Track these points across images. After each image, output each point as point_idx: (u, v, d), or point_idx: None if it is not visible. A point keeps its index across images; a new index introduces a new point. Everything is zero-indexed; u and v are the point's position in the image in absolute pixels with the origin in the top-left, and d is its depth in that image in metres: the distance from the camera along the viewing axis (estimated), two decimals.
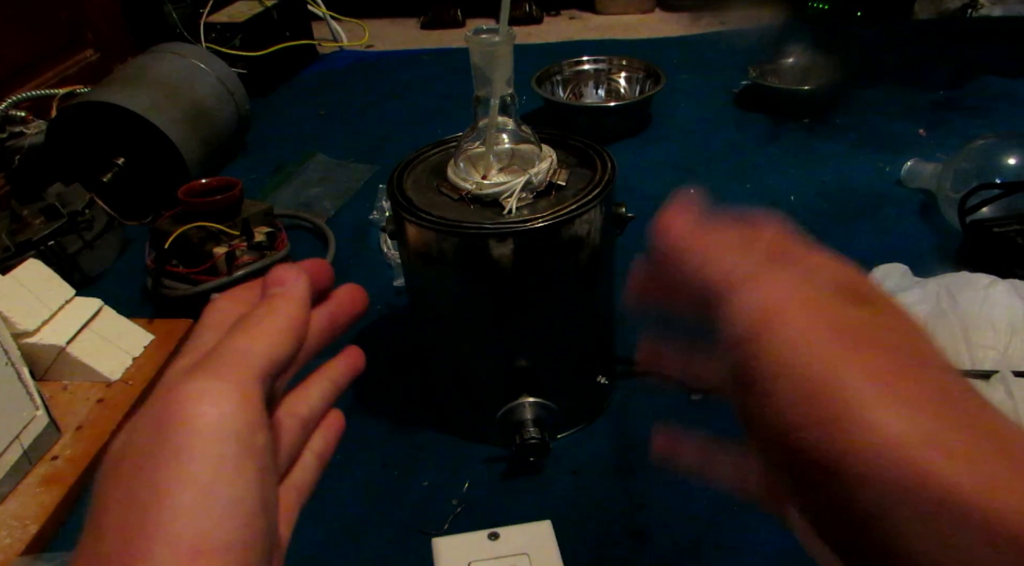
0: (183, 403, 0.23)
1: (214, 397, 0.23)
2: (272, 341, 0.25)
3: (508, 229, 0.56)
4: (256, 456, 0.23)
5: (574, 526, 0.59)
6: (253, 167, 1.18)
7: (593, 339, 0.67)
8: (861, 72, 1.29)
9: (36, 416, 0.66)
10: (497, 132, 0.59)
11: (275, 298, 0.27)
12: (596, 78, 1.27)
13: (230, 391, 0.23)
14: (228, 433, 0.23)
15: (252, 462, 0.23)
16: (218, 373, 0.24)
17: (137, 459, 0.23)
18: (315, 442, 0.31)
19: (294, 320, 0.26)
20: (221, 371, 0.24)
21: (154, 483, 0.22)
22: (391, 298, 0.87)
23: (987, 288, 0.64)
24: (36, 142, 1.06)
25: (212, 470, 0.22)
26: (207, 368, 0.24)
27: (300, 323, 0.26)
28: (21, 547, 0.59)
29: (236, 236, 0.85)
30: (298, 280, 0.27)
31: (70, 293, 0.77)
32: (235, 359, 0.24)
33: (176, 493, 0.22)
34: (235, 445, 0.23)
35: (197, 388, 0.23)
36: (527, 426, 0.62)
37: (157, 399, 0.24)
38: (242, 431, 0.23)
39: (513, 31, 0.56)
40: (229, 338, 0.25)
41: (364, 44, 1.69)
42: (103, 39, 1.34)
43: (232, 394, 0.23)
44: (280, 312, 0.26)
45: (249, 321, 0.26)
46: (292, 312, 0.26)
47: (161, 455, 0.22)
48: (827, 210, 0.98)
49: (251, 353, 0.24)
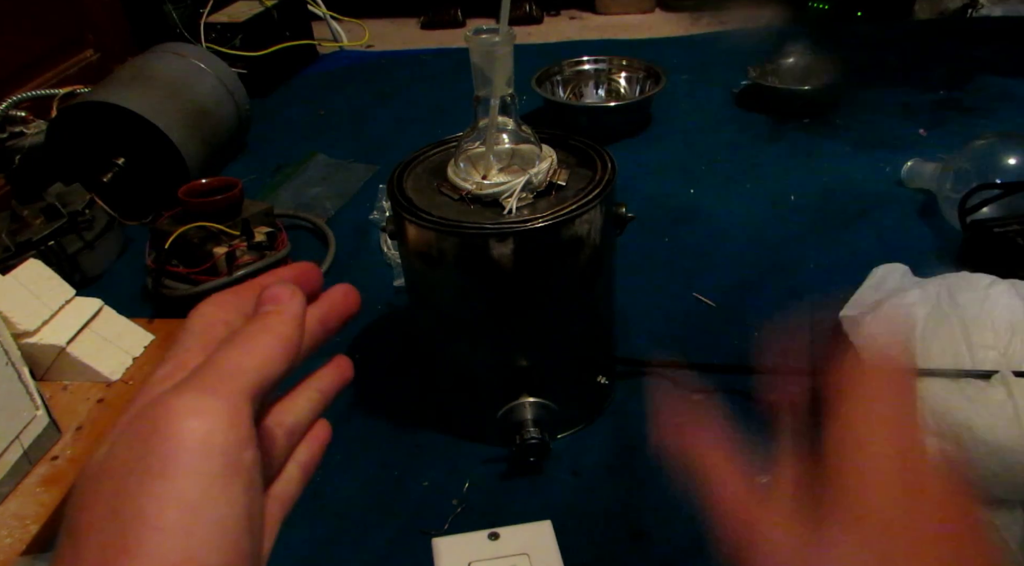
0: (171, 418, 0.22)
1: (203, 413, 0.22)
2: (264, 359, 0.25)
3: (508, 229, 0.56)
4: (244, 474, 0.23)
5: (574, 526, 0.59)
6: (253, 167, 1.18)
7: (593, 339, 0.67)
8: (861, 72, 1.29)
9: (36, 416, 0.66)
10: (497, 132, 0.59)
11: (270, 315, 0.26)
12: (596, 78, 1.27)
13: (219, 408, 0.23)
14: (216, 450, 0.22)
15: (240, 481, 0.23)
16: (208, 389, 0.23)
17: (120, 473, 0.22)
18: (300, 453, 0.31)
19: (287, 340, 0.26)
20: (211, 387, 0.23)
21: (138, 500, 0.21)
22: (391, 298, 0.87)
23: (987, 288, 0.64)
24: (36, 142, 1.06)
25: (199, 489, 0.22)
26: (196, 383, 0.23)
27: (294, 343, 0.26)
28: (21, 547, 0.59)
29: (236, 236, 0.85)
30: (293, 299, 0.27)
31: (70, 293, 0.77)
32: (226, 375, 0.24)
33: (161, 511, 0.21)
34: (223, 463, 0.22)
35: (186, 403, 0.22)
36: (527, 426, 0.62)
37: (142, 412, 0.23)
38: (230, 449, 0.22)
39: (513, 31, 0.56)
40: (221, 353, 0.25)
41: (364, 44, 1.69)
42: (103, 39, 1.34)
43: (221, 411, 0.23)
44: (274, 331, 0.26)
45: (242, 337, 0.25)
46: (286, 332, 0.26)
47: (146, 471, 0.22)
48: (827, 210, 0.98)
49: (242, 370, 0.24)
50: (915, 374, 0.29)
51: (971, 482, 0.25)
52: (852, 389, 0.28)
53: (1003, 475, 0.54)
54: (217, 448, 0.22)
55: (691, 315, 0.82)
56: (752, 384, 0.72)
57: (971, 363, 0.59)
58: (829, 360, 0.29)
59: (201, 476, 0.22)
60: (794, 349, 0.33)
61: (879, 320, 0.66)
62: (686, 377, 0.73)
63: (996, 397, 0.56)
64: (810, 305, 0.80)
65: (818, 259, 0.89)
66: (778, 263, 0.89)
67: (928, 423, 0.57)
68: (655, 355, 0.76)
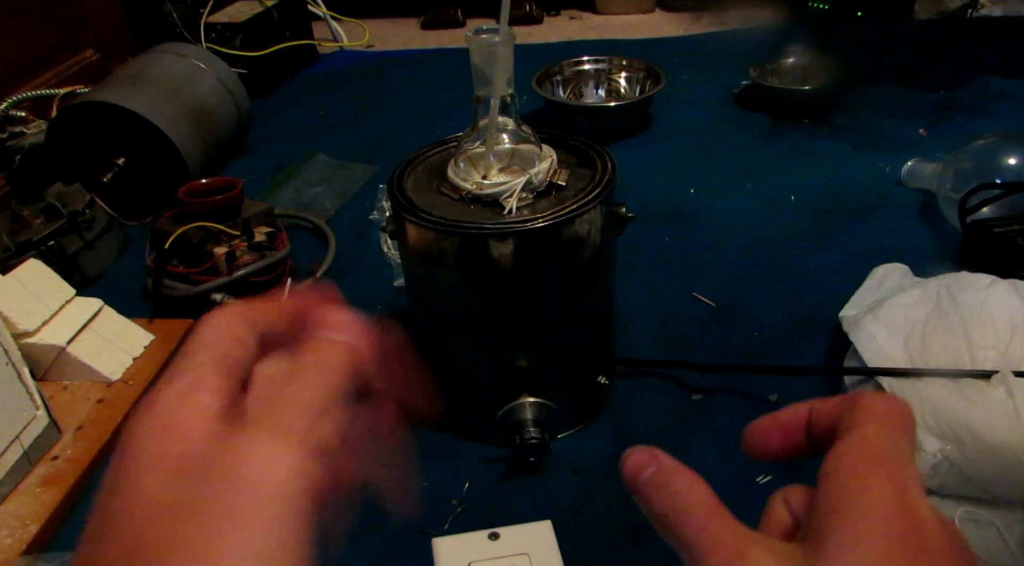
0: (250, 464, 0.22)
1: (280, 460, 0.22)
2: (333, 398, 0.24)
3: (508, 229, 0.56)
4: (310, 524, 0.22)
5: (574, 526, 0.59)
6: (253, 167, 1.18)
7: (593, 339, 0.67)
8: (861, 72, 1.29)
9: (36, 416, 0.66)
10: (497, 132, 0.59)
11: (338, 348, 0.25)
12: (596, 78, 1.27)
13: (295, 455, 0.22)
14: (290, 499, 0.22)
15: (307, 530, 0.22)
16: (283, 433, 0.22)
17: (187, 507, 0.21)
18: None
19: (351, 375, 0.25)
20: (286, 431, 0.22)
21: (207, 539, 0.21)
22: (391, 298, 0.87)
23: (987, 288, 0.64)
24: (36, 142, 1.06)
25: (272, 537, 0.21)
26: (269, 426, 0.23)
27: (357, 376, 0.25)
28: (21, 547, 0.59)
29: (236, 236, 0.85)
30: (355, 329, 0.26)
31: (70, 293, 0.77)
32: (299, 418, 0.23)
33: (232, 556, 0.21)
34: (295, 511, 0.22)
35: (264, 450, 0.22)
36: (527, 426, 0.62)
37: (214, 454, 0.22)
38: (302, 498, 0.22)
39: (513, 31, 0.56)
40: (291, 392, 0.24)
41: (364, 44, 1.69)
42: (103, 39, 1.34)
43: (297, 458, 0.22)
44: (333, 365, 0.25)
45: (311, 373, 0.24)
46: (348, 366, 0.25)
47: (218, 511, 0.21)
48: (827, 210, 0.98)
49: (313, 412, 0.23)
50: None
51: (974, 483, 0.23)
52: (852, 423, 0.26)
53: (1003, 475, 0.54)
54: (291, 496, 0.22)
55: (691, 315, 0.82)
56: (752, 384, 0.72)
57: (971, 363, 0.59)
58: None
59: (274, 524, 0.21)
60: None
61: (879, 320, 0.66)
62: (686, 377, 0.73)
63: (996, 397, 0.56)
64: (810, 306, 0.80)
65: (818, 259, 0.89)
66: (778, 263, 0.89)
67: (928, 423, 0.57)
68: (655, 355, 0.76)
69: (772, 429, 0.29)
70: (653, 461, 0.27)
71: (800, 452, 0.28)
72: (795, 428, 0.28)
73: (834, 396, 0.28)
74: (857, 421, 0.25)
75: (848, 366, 0.67)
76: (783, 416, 0.29)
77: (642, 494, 0.27)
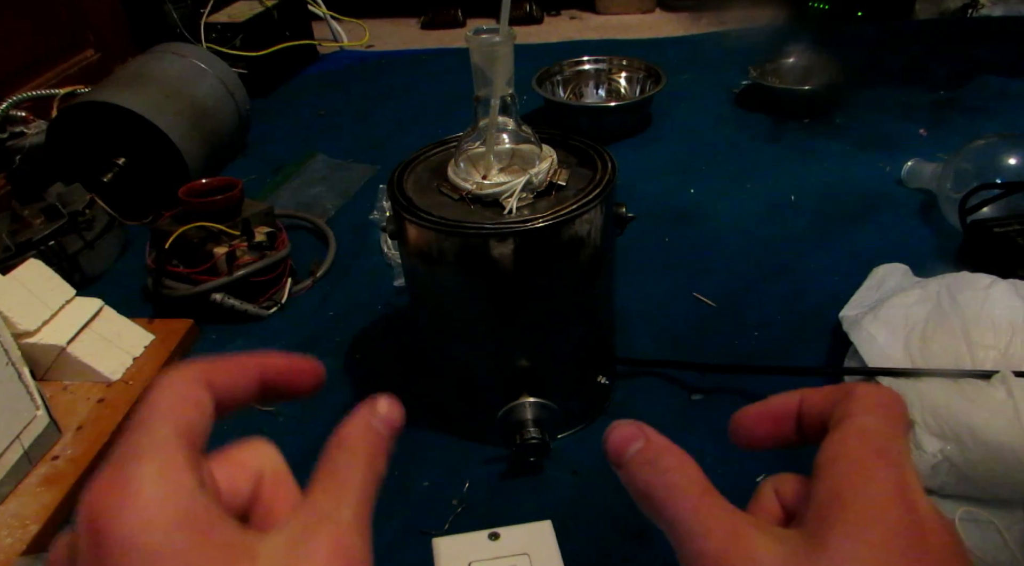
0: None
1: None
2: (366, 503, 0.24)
3: (508, 229, 0.56)
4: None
5: (574, 526, 0.59)
6: (253, 167, 1.18)
7: (593, 339, 0.67)
8: (861, 72, 1.29)
9: (36, 416, 0.66)
10: (497, 132, 0.59)
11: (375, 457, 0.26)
12: (596, 78, 1.27)
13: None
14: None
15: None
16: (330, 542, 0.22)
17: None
18: None
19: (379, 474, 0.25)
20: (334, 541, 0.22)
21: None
22: (391, 298, 0.87)
23: (987, 288, 0.64)
24: (36, 142, 1.06)
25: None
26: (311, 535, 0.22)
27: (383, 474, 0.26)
28: (21, 547, 0.59)
29: (236, 236, 0.85)
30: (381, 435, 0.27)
31: (70, 293, 0.77)
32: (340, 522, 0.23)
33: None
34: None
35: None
36: (527, 426, 0.62)
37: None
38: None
39: (513, 31, 0.56)
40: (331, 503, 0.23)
41: (364, 44, 1.69)
42: (103, 39, 1.34)
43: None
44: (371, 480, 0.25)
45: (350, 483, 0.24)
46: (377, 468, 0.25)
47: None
48: (827, 210, 0.98)
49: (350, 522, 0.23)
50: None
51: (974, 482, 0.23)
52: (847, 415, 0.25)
53: (1003, 475, 0.54)
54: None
55: (691, 315, 0.82)
56: (752, 384, 0.72)
57: (971, 363, 0.59)
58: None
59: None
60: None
61: (879, 320, 0.66)
62: (686, 377, 0.73)
63: (996, 397, 0.56)
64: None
65: (818, 259, 0.89)
66: (778, 263, 0.89)
67: (928, 423, 0.57)
68: (655, 355, 0.76)
69: (762, 417, 0.28)
70: (640, 435, 0.26)
71: (788, 442, 0.28)
72: (785, 417, 0.28)
73: (826, 386, 0.27)
74: (852, 411, 0.25)
75: (848, 366, 0.67)
76: (773, 404, 0.28)
77: (628, 470, 0.26)
